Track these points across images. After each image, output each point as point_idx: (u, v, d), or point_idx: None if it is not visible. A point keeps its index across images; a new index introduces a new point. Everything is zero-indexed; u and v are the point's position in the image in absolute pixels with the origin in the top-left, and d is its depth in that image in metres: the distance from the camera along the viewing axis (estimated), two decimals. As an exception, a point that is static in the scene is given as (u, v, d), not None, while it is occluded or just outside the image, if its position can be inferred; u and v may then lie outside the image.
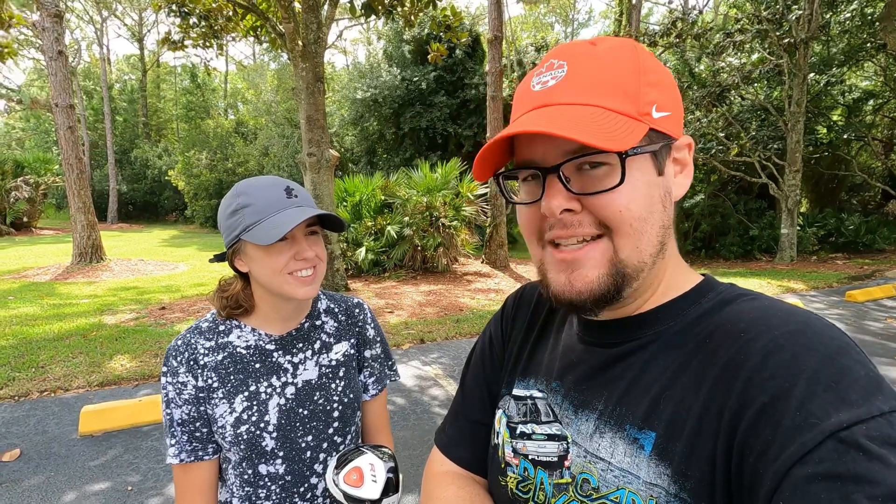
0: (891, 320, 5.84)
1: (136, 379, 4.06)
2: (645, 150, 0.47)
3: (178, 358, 0.92)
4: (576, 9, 37.35)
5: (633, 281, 0.50)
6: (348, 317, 1.07)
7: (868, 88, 14.00)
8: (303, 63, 6.92)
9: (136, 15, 33.15)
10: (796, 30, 10.40)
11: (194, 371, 0.91)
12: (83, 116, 27.70)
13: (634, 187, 0.47)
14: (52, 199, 25.64)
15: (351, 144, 18.87)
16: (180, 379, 0.91)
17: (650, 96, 0.48)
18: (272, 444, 0.92)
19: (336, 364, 1.02)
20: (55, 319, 5.83)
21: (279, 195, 0.89)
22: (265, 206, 0.87)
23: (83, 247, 10.03)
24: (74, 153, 9.54)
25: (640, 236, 0.48)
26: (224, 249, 0.96)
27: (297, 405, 0.95)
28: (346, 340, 1.05)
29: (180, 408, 0.91)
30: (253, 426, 0.91)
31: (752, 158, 11.28)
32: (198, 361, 0.92)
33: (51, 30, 9.27)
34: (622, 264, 0.49)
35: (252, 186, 0.90)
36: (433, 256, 9.43)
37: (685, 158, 0.51)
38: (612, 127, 0.45)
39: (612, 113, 0.46)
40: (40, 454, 2.90)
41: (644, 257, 0.49)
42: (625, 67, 0.48)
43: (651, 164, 0.48)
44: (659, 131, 0.48)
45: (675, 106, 0.50)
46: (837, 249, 12.25)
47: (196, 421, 0.92)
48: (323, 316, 1.05)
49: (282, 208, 0.88)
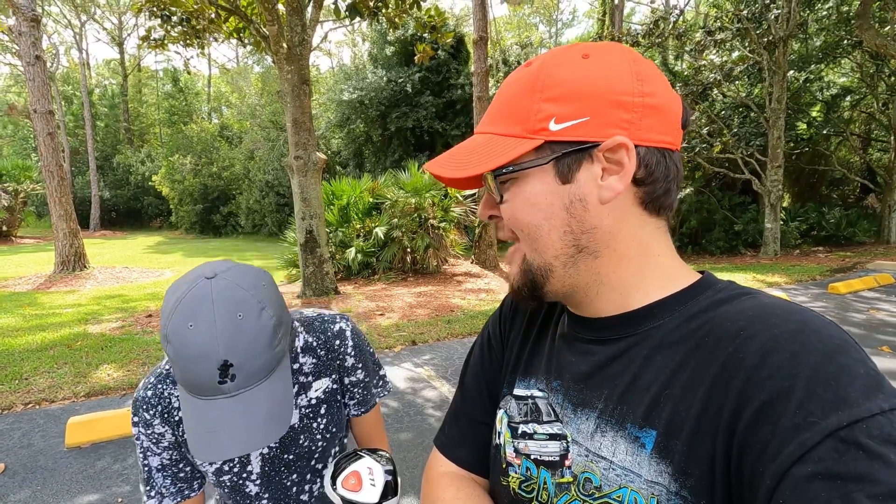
0: (873, 311, 5.97)
1: (124, 388, 3.99)
2: (531, 164, 0.51)
3: (150, 411, 0.84)
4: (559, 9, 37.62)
5: (545, 279, 0.54)
6: (328, 351, 0.95)
7: (845, 85, 14.32)
8: (288, 66, 6.87)
9: (116, 18, 32.62)
10: (775, 28, 10.59)
11: (170, 423, 0.84)
12: (63, 122, 27.18)
13: (524, 197, 0.52)
14: (32, 206, 25.08)
15: (338, 147, 18.79)
16: (156, 430, 0.84)
17: (546, 112, 0.49)
18: (256, 489, 0.91)
19: (317, 402, 0.94)
20: (38, 330, 5.71)
21: (210, 380, 0.68)
22: (192, 382, 0.69)
23: (65, 255, 9.84)
24: (55, 160, 9.36)
25: (534, 240, 0.53)
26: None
27: (280, 452, 0.91)
28: (325, 377, 0.95)
29: (159, 455, 0.85)
30: (235, 476, 0.89)
31: (735, 155, 11.46)
32: (172, 415, 0.84)
33: (28, 34, 9.08)
34: (527, 264, 0.55)
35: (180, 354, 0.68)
36: (423, 258, 9.42)
37: (620, 159, 0.49)
38: (493, 150, 0.51)
39: (498, 137, 0.52)
40: (26, 468, 2.83)
41: (547, 258, 0.53)
42: (519, 89, 0.52)
43: (552, 174, 0.51)
44: (562, 141, 0.49)
45: (594, 111, 0.49)
46: (819, 243, 12.50)
47: (179, 462, 0.86)
48: (301, 357, 0.93)
49: (210, 395, 0.69)
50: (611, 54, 0.51)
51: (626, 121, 0.49)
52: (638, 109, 0.49)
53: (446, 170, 0.54)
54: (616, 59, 0.50)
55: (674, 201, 0.54)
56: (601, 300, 0.55)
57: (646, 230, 0.53)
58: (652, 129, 0.50)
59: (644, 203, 0.52)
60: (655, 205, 0.53)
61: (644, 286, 0.53)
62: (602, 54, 0.51)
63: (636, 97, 0.49)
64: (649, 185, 0.51)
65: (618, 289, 0.54)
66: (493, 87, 13.58)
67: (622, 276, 0.53)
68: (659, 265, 0.54)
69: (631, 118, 0.49)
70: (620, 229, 0.52)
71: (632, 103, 0.49)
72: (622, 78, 0.49)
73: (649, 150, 0.50)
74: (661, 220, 0.54)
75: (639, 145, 0.50)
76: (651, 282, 0.53)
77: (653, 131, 0.50)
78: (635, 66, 0.50)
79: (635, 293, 0.53)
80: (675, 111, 0.52)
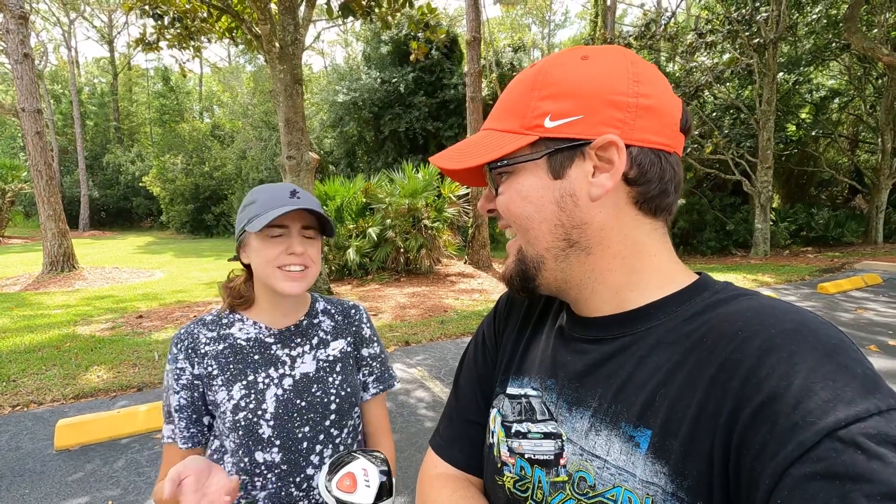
0: (861, 311, 6.05)
1: (114, 390, 3.94)
2: (525, 158, 0.53)
3: (178, 345, 0.99)
4: (552, 10, 37.76)
5: (536, 271, 0.56)
6: (345, 317, 1.12)
7: (834, 87, 14.51)
8: (280, 65, 6.83)
9: (106, 16, 32.27)
10: (765, 30, 10.71)
11: (192, 359, 0.98)
12: (51, 121, 26.82)
13: (517, 190, 0.54)
14: (20, 206, 24.76)
15: (331, 147, 18.70)
16: (179, 365, 0.97)
17: (542, 109, 0.51)
18: (269, 431, 0.95)
19: (333, 360, 1.06)
20: (26, 331, 5.63)
21: (283, 195, 0.96)
22: (268, 202, 0.95)
23: (54, 255, 9.71)
24: (43, 159, 9.24)
25: (526, 232, 0.55)
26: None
27: (294, 396, 0.99)
28: (342, 339, 1.09)
29: (178, 393, 0.97)
30: (250, 413, 0.95)
31: (726, 156, 11.57)
32: (197, 350, 0.98)
33: (15, 32, 8.96)
34: (522, 254, 0.57)
35: (262, 188, 1.00)
36: (416, 258, 9.41)
37: (610, 157, 0.50)
38: (492, 144, 0.54)
39: (497, 132, 0.55)
40: (14, 471, 2.80)
41: (539, 250, 0.55)
42: (521, 88, 0.54)
43: (544, 169, 0.52)
44: (556, 138, 0.51)
45: (588, 109, 0.50)
46: (808, 243, 12.64)
47: (190, 407, 0.98)
48: (320, 315, 1.10)
49: (282, 205, 0.94)
50: (609, 56, 0.52)
51: (619, 120, 0.50)
52: (632, 109, 0.50)
53: (450, 161, 0.57)
54: (613, 60, 0.51)
55: (672, 203, 0.54)
56: (597, 298, 0.55)
57: (641, 230, 0.53)
58: (646, 130, 0.50)
59: (638, 203, 0.52)
60: (651, 205, 0.53)
61: (640, 286, 0.53)
62: (600, 56, 0.52)
63: (630, 97, 0.50)
64: (643, 185, 0.51)
65: (613, 287, 0.54)
66: (486, 88, 13.60)
67: (616, 274, 0.54)
68: (655, 265, 0.54)
69: (624, 118, 0.50)
70: (613, 227, 0.52)
71: (626, 103, 0.50)
72: (617, 78, 0.50)
73: (643, 150, 0.51)
74: (659, 222, 0.55)
75: (631, 145, 0.50)
76: (647, 282, 0.54)
77: (647, 132, 0.51)
78: (633, 68, 0.51)
79: (631, 293, 0.54)
80: (674, 114, 0.53)
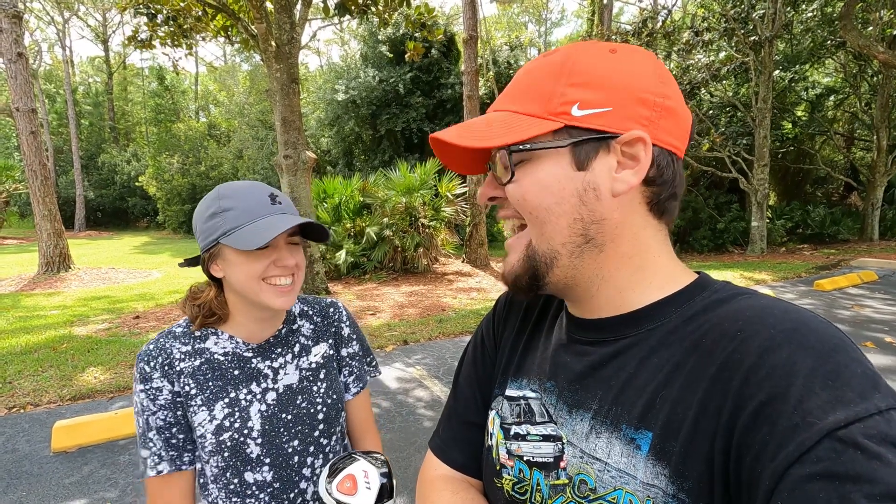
0: (857, 308, 6.07)
1: (111, 391, 3.93)
2: (548, 145, 0.50)
3: (150, 363, 0.88)
4: (549, 8, 37.73)
5: (548, 268, 0.53)
6: (324, 318, 1.06)
7: (829, 85, 14.56)
8: (276, 64, 6.81)
9: (100, 15, 32.05)
10: (761, 28, 10.73)
11: (170, 376, 0.88)
12: (46, 121, 26.67)
13: (536, 178, 0.51)
14: (15, 206, 24.63)
15: (327, 146, 18.65)
16: (154, 385, 0.87)
17: (570, 96, 0.49)
18: (258, 450, 0.90)
19: (316, 366, 1.01)
20: (22, 332, 5.60)
21: (263, 201, 0.87)
22: (248, 211, 0.85)
23: (50, 256, 9.66)
24: (38, 159, 9.19)
25: (542, 225, 0.52)
26: (197, 253, 0.93)
27: (279, 410, 0.94)
28: (323, 342, 1.04)
29: (155, 414, 0.87)
30: (236, 433, 0.89)
31: (723, 154, 11.58)
32: (173, 366, 0.89)
33: (9, 31, 8.90)
34: (532, 250, 0.53)
35: (234, 190, 0.88)
36: (413, 257, 9.40)
37: (636, 154, 0.49)
38: (513, 126, 0.51)
39: (517, 115, 0.52)
40: (11, 473, 2.78)
41: (554, 245, 0.52)
42: (545, 71, 0.52)
43: (568, 159, 0.50)
44: (582, 128, 0.49)
45: (618, 103, 0.49)
46: (805, 240, 12.69)
47: (173, 426, 0.88)
48: (298, 320, 1.04)
49: (266, 214, 0.86)
50: (637, 53, 0.52)
51: (646, 118, 0.50)
52: (658, 109, 0.50)
53: (461, 139, 0.51)
54: (641, 57, 0.52)
55: (676, 208, 0.55)
56: (600, 297, 0.55)
57: (647, 231, 0.53)
58: (667, 132, 0.51)
59: (650, 204, 0.53)
60: (660, 208, 0.53)
61: (642, 286, 0.53)
62: (628, 52, 0.52)
63: (658, 97, 0.50)
64: (658, 185, 0.52)
65: (617, 287, 0.54)
66: (483, 87, 13.58)
67: (623, 273, 0.54)
68: (657, 266, 0.54)
69: (651, 116, 0.50)
70: (626, 226, 0.52)
71: (653, 102, 0.50)
72: (646, 76, 0.50)
73: (662, 151, 0.51)
74: (662, 224, 0.55)
75: (654, 144, 0.50)
76: (649, 282, 0.54)
77: (668, 133, 0.51)
78: (658, 69, 0.51)
79: (633, 292, 0.53)
80: (689, 119, 0.54)
